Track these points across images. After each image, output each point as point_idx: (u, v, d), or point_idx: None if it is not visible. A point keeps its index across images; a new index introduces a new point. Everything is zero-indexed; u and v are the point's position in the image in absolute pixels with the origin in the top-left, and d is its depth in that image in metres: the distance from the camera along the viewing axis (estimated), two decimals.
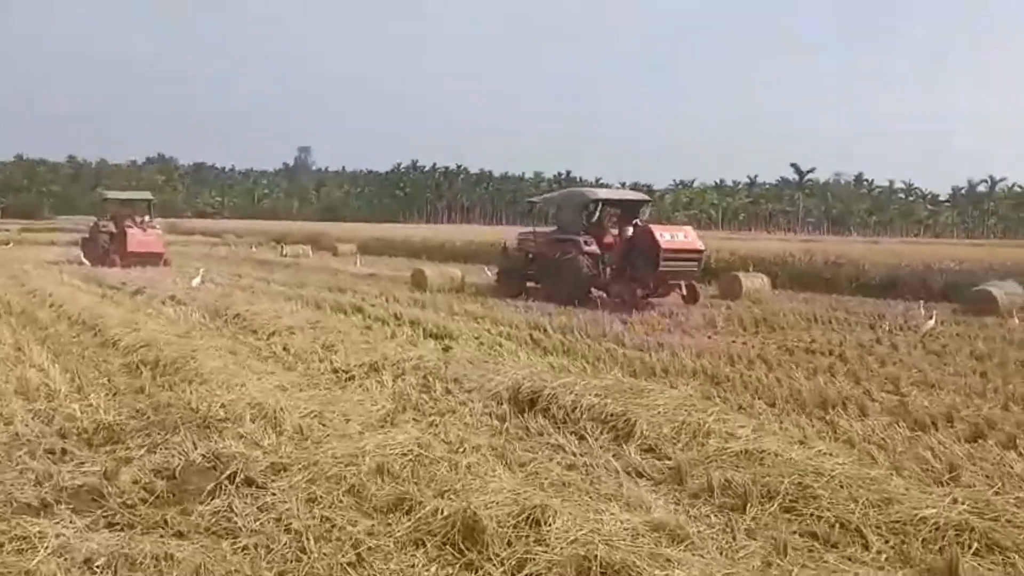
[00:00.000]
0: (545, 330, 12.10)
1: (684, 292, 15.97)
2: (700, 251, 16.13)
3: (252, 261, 28.98)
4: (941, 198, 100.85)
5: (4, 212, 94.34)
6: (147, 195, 27.91)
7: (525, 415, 6.71)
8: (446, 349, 10.10)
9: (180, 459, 5.46)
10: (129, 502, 4.86)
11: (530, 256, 17.88)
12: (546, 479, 4.88)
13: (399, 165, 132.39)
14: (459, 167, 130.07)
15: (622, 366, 9.13)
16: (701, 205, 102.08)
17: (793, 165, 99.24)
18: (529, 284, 17.56)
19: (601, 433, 6.12)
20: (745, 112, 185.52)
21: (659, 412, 6.28)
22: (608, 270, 16.17)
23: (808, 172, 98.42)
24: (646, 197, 18.92)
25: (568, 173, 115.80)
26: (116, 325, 10.81)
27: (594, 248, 16.10)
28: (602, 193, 18.30)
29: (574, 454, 5.67)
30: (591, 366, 9.06)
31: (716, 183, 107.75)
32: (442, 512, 4.25)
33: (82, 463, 5.47)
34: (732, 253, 23.70)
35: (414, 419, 6.84)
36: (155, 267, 23.24)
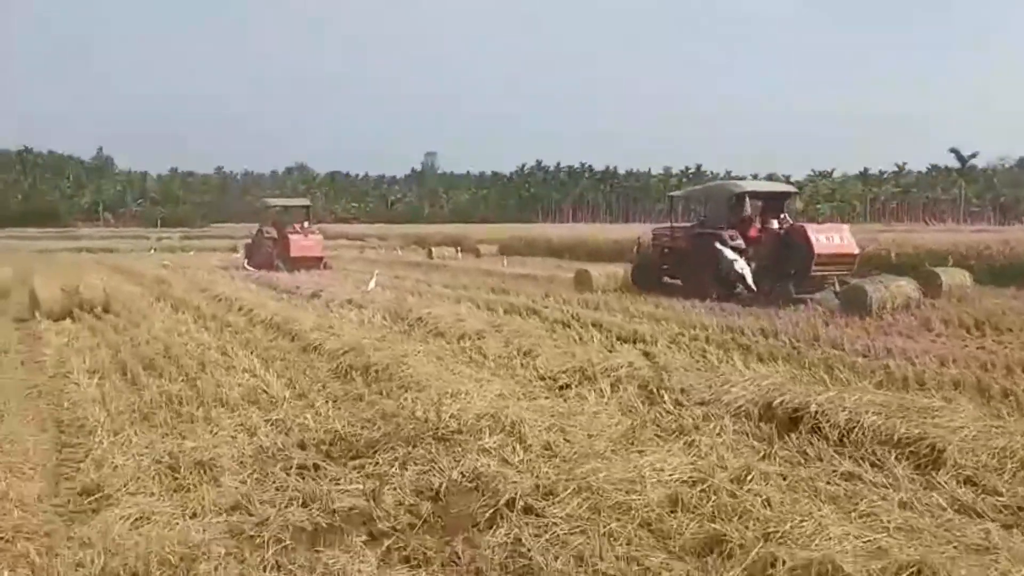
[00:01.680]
0: (743, 332, 11.24)
1: (837, 289, 14.51)
2: (855, 255, 15.18)
3: (403, 263, 29.36)
4: None
5: (163, 222, 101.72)
6: (305, 202, 28.88)
7: (792, 435, 5.92)
8: (648, 355, 9.42)
9: (439, 478, 5.07)
10: (398, 526, 4.50)
11: (666, 251, 17.64)
12: (888, 521, 4.09)
13: (523, 166, 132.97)
14: (583, 165, 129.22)
15: (862, 375, 8.14)
16: (844, 196, 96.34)
17: (953, 151, 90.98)
18: (666, 279, 17.24)
19: (899, 460, 5.26)
20: (887, 97, 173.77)
21: (966, 436, 5.35)
22: (752, 265, 15.40)
23: (971, 157, 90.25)
24: (792, 189, 18.10)
25: (699, 167, 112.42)
26: (311, 329, 10.80)
27: (740, 242, 15.54)
28: (748, 185, 17.49)
29: (885, 487, 4.84)
30: (827, 375, 8.13)
31: (860, 172, 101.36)
32: (784, 562, 3.56)
33: (337, 480, 5.18)
34: (916, 247, 21.74)
35: (658, 435, 6.23)
36: (317, 271, 23.89)
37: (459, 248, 36.27)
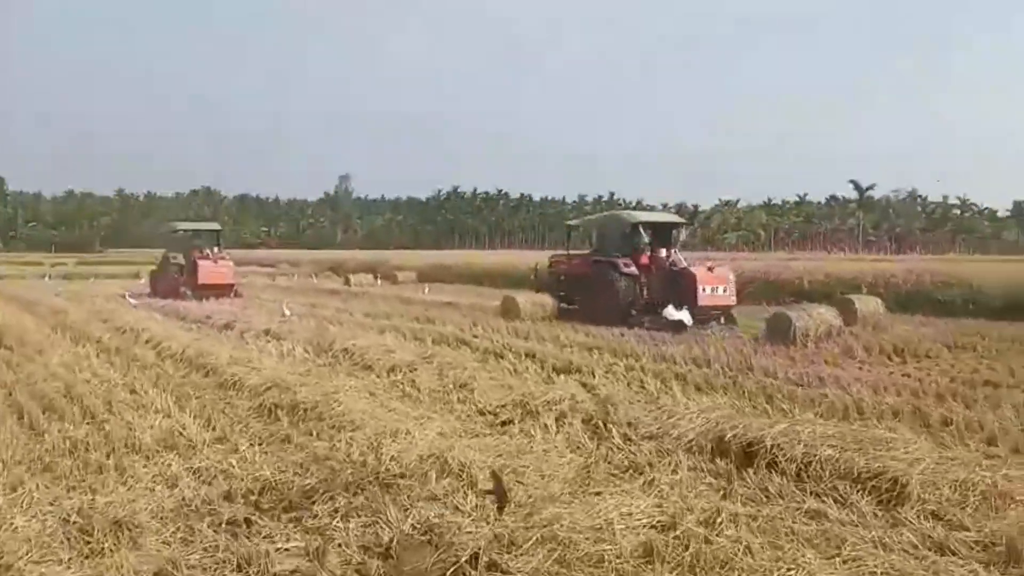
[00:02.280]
0: (675, 360, 11.20)
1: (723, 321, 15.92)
2: (731, 306, 16.31)
3: (319, 291, 28.46)
4: (1000, 214, 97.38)
5: (57, 247, 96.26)
6: (215, 226, 27.59)
7: (749, 471, 5.76)
8: (587, 387, 9.21)
9: (387, 531, 4.64)
10: None
11: (562, 278, 18.35)
12: (875, 566, 3.91)
13: (439, 192, 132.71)
14: (500, 192, 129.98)
15: (802, 405, 8.13)
16: (749, 225, 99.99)
17: (852, 182, 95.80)
18: (562, 305, 17.76)
19: (861, 495, 5.15)
20: (790, 128, 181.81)
21: (925, 469, 5.30)
22: (644, 292, 16.44)
23: (868, 189, 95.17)
24: (682, 220, 19.25)
25: (612, 195, 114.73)
26: (228, 363, 10.11)
27: (633, 270, 16.45)
28: (641, 216, 18.57)
29: (853, 524, 4.70)
30: (769, 406, 8.08)
31: (764, 202, 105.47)
32: None
33: (272, 537, 4.67)
34: (827, 275, 22.53)
35: (612, 474, 5.96)
36: (228, 299, 22.83)
37: (377, 275, 35.49)
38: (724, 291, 16.06)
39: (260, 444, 6.85)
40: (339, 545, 4.50)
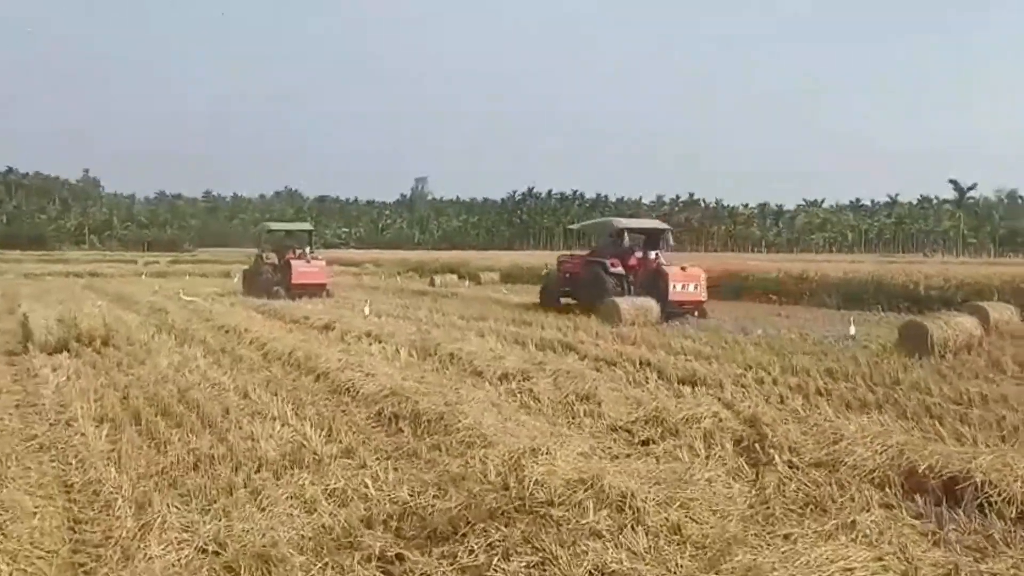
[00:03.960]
0: (808, 372, 10.31)
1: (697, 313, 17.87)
2: (702, 302, 18.24)
3: (407, 292, 28.31)
4: None
5: (150, 246, 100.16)
6: (308, 226, 27.76)
7: (959, 510, 4.94)
8: (722, 401, 8.44)
9: (558, 574, 4.04)
10: None
11: (567, 275, 20.43)
12: None
13: (515, 192, 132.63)
14: (575, 192, 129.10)
15: (983, 429, 7.19)
16: (836, 226, 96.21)
17: (952, 181, 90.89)
18: (564, 300, 19.88)
19: None
20: (881, 128, 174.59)
21: None
22: (632, 289, 18.33)
23: (970, 189, 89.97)
24: (666, 226, 20.50)
25: (691, 195, 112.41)
26: (339, 368, 9.74)
27: (619, 269, 18.60)
28: (626, 222, 20.42)
29: None
30: (943, 428, 7.16)
31: (852, 202, 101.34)
32: None
33: (427, 575, 4.14)
34: (947, 280, 20.99)
35: (789, 510, 5.23)
36: (319, 298, 22.82)
37: (462, 276, 35.24)
38: (695, 288, 18.05)
39: (387, 460, 6.38)
40: None
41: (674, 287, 17.67)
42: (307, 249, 25.27)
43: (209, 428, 7.06)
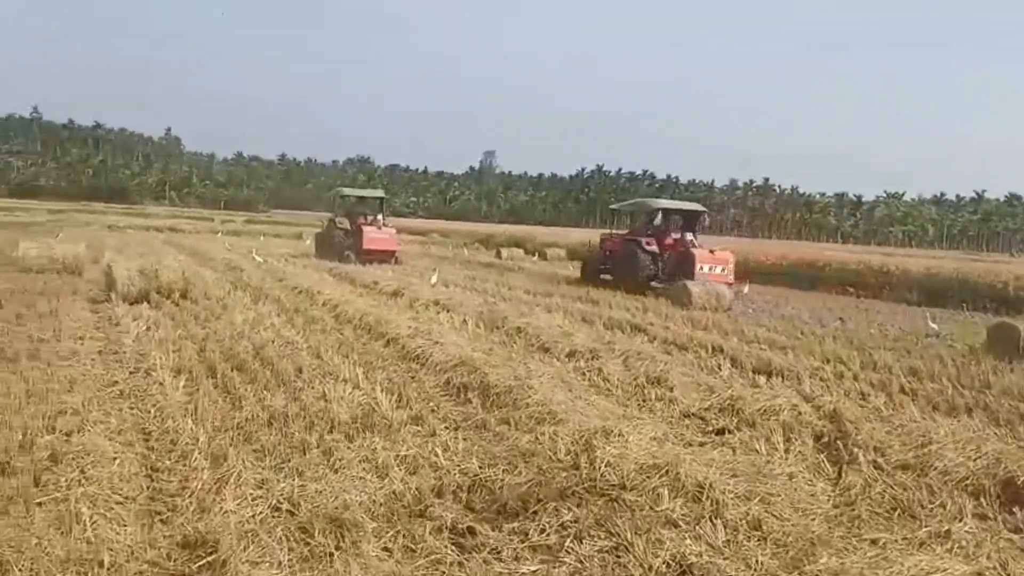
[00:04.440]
0: (890, 370, 9.85)
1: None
2: (731, 284, 18.38)
3: (473, 263, 28.35)
4: None
5: (226, 205, 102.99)
6: (381, 193, 27.93)
7: None
8: (802, 394, 8.11)
9: (634, 563, 3.91)
10: None
11: (607, 253, 21.17)
12: None
13: (583, 170, 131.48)
14: (645, 172, 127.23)
15: None
16: (918, 220, 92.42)
17: None
18: (603, 276, 20.62)
19: None
20: (970, 120, 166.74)
21: None
22: (663, 265, 19.15)
23: None
24: (702, 208, 20.95)
25: (767, 180, 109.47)
26: (409, 334, 9.76)
27: (654, 248, 19.34)
28: (662, 203, 21.73)
29: None
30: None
31: (935, 196, 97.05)
32: None
33: (498, 552, 4.06)
34: None
35: (875, 513, 4.96)
36: (389, 265, 23.02)
37: (528, 250, 35.11)
38: (722, 270, 18.43)
39: (455, 429, 6.33)
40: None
41: (700, 268, 18.10)
42: (379, 216, 25.45)
43: (283, 386, 7.13)
